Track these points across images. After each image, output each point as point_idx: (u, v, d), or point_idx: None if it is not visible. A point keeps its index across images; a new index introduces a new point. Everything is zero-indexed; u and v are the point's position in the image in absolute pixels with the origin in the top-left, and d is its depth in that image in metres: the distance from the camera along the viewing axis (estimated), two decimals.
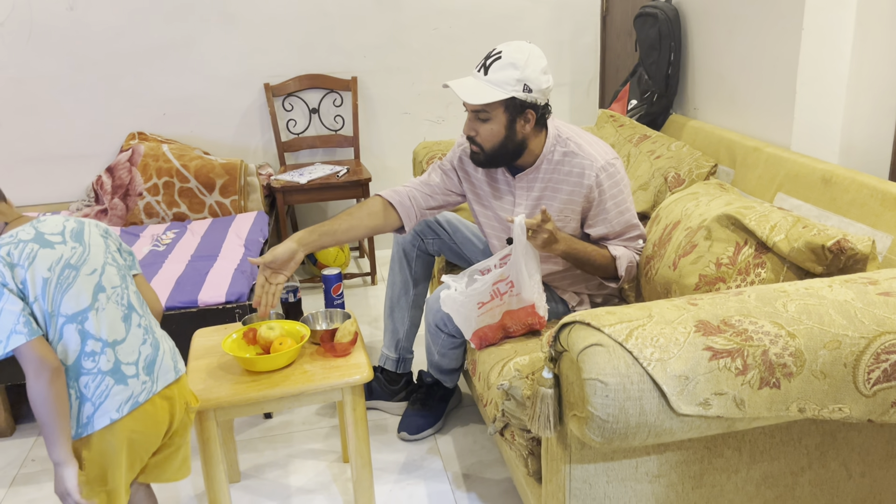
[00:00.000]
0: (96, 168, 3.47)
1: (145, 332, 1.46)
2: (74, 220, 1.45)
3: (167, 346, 1.52)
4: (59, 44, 3.31)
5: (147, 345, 1.46)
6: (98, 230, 1.47)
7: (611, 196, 1.96)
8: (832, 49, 2.08)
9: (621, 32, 3.46)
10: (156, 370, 1.46)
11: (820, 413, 1.26)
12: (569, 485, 1.38)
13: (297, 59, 3.55)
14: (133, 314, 1.45)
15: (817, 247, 1.50)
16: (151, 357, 1.46)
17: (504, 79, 1.85)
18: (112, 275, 1.44)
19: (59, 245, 1.38)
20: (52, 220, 1.42)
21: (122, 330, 1.42)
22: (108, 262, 1.44)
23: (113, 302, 1.42)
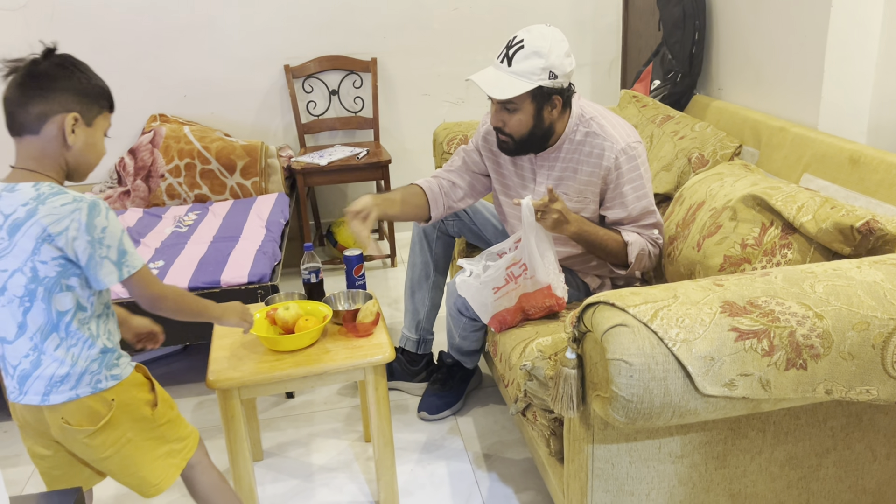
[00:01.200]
0: (118, 150, 3.49)
1: (32, 349, 1.34)
2: (30, 209, 1.28)
3: (51, 373, 1.35)
4: (81, 26, 3.32)
5: (26, 361, 1.35)
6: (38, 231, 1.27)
7: (629, 179, 1.93)
8: (861, 26, 2.04)
9: (644, 11, 3.41)
10: (25, 385, 1.36)
11: (847, 395, 1.25)
12: (591, 465, 1.38)
13: (316, 40, 3.55)
14: (25, 329, 1.33)
15: (846, 227, 1.48)
16: (27, 372, 1.35)
17: (529, 69, 1.82)
18: (18, 284, 1.31)
19: None
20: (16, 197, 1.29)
21: (11, 333, 1.34)
22: (21, 270, 1.30)
23: (10, 307, 1.33)
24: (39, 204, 1.28)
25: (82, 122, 1.34)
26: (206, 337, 2.35)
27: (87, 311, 1.37)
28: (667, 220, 2.05)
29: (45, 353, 1.34)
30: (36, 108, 1.30)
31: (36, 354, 1.34)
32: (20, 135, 1.32)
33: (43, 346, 1.34)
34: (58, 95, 1.31)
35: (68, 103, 1.32)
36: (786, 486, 1.46)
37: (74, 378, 1.36)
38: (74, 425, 1.38)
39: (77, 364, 1.35)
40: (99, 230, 1.30)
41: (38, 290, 1.31)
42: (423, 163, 3.82)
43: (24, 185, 1.30)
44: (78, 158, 1.37)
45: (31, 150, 1.33)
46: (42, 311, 1.32)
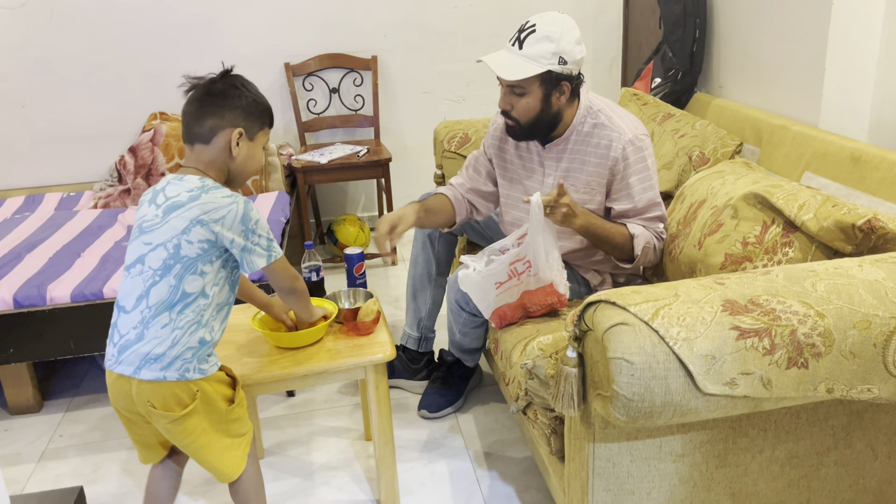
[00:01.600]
0: (119, 148, 3.49)
1: (141, 321, 1.45)
2: (192, 195, 1.44)
3: (147, 350, 1.44)
4: (81, 24, 3.32)
5: (132, 332, 1.45)
6: (195, 214, 1.42)
7: (635, 171, 1.94)
8: (862, 24, 2.04)
9: (645, 9, 3.41)
10: (124, 354, 1.46)
11: (848, 393, 1.25)
12: (592, 463, 1.38)
13: (317, 38, 3.54)
14: (144, 300, 1.45)
15: (847, 226, 1.48)
16: (129, 343, 1.45)
17: (540, 52, 1.84)
18: (157, 257, 1.44)
19: (153, 206, 1.47)
20: (182, 185, 1.46)
21: (130, 303, 1.47)
22: (164, 245, 1.44)
23: (141, 278, 1.45)
24: (203, 192, 1.45)
25: (245, 136, 1.52)
26: None
27: (207, 299, 1.48)
28: (668, 220, 2.05)
29: (149, 328, 1.44)
30: (209, 122, 1.48)
31: (141, 328, 1.44)
32: (192, 143, 1.50)
33: (151, 321, 1.44)
34: (228, 112, 1.49)
35: (236, 119, 1.50)
36: (787, 485, 1.46)
37: (167, 360, 1.44)
38: (159, 409, 1.46)
39: (174, 347, 1.45)
40: (253, 221, 1.47)
41: (174, 266, 1.44)
42: (423, 161, 3.81)
43: (192, 177, 1.48)
44: (239, 168, 1.54)
45: (201, 157, 1.50)
46: (168, 287, 1.44)
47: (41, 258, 2.56)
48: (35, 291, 2.29)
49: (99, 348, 2.34)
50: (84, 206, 3.21)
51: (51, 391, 2.59)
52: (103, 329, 2.30)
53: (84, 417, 2.43)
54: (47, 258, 2.56)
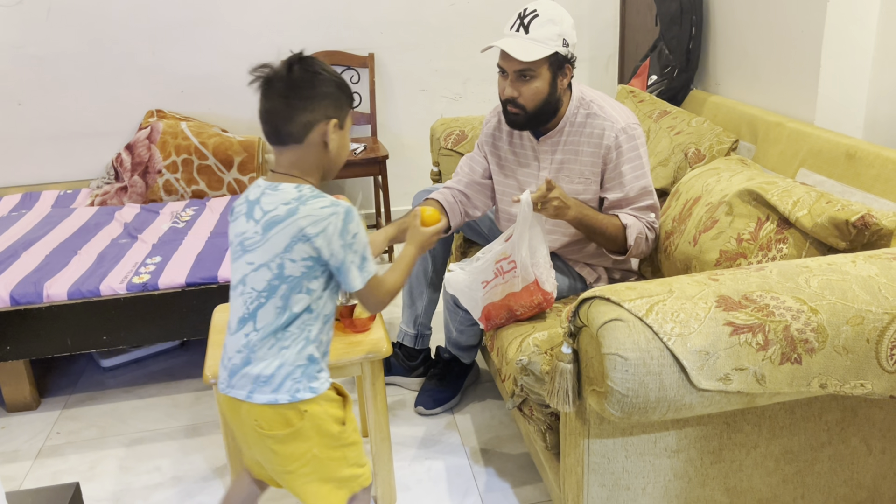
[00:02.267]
0: (116, 145, 3.49)
1: (246, 345, 1.36)
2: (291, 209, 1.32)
3: (256, 372, 1.36)
4: (78, 21, 3.32)
5: (240, 356, 1.37)
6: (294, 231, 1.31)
7: (628, 159, 1.95)
8: (858, 22, 2.04)
9: (641, 6, 3.41)
10: (235, 379, 1.38)
11: (842, 389, 1.26)
12: (587, 459, 1.38)
13: (313, 35, 3.54)
14: (249, 323, 1.36)
15: (841, 222, 1.49)
16: (237, 367, 1.38)
17: (547, 34, 1.86)
18: (262, 278, 1.34)
19: (251, 222, 1.36)
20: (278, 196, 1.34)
21: (234, 325, 1.39)
22: (267, 265, 1.33)
23: (244, 300, 1.37)
24: (301, 204, 1.32)
25: (338, 125, 1.38)
26: (203, 332, 2.35)
27: (312, 314, 1.37)
28: (663, 215, 2.05)
29: (255, 352, 1.36)
30: (302, 119, 1.34)
31: (247, 352, 1.36)
32: (284, 144, 1.36)
33: (258, 344, 1.35)
34: (318, 104, 1.35)
35: (328, 110, 1.36)
36: (781, 481, 1.46)
37: (277, 381, 1.36)
38: (266, 429, 1.38)
39: (283, 367, 1.35)
40: (351, 235, 1.34)
41: (280, 287, 1.33)
42: (420, 158, 3.81)
43: (287, 186, 1.35)
44: (334, 160, 1.41)
45: (294, 158, 1.37)
46: (275, 309, 1.34)
47: (38, 256, 2.56)
48: (32, 289, 2.29)
49: (96, 346, 2.34)
50: (81, 204, 3.21)
51: (48, 389, 2.59)
52: (100, 326, 2.31)
53: (81, 415, 2.43)
54: (44, 256, 2.56)
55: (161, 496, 2.03)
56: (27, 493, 1.41)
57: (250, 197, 1.38)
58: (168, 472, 2.13)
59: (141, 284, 2.32)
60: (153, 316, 2.34)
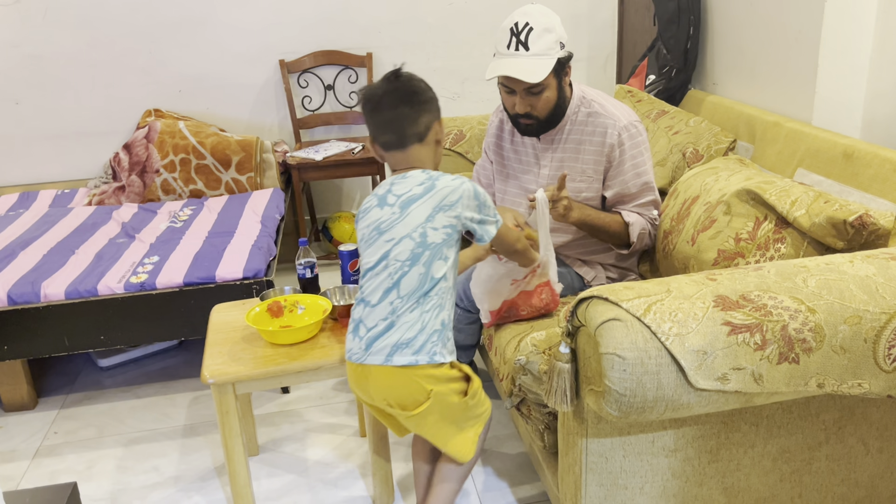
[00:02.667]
0: (113, 145, 3.49)
1: (391, 312, 1.49)
2: (427, 186, 1.50)
3: (397, 337, 1.49)
4: (75, 21, 3.31)
5: (384, 323, 1.50)
6: (437, 201, 1.49)
7: (630, 157, 1.97)
8: (855, 22, 2.04)
9: (639, 6, 3.41)
10: (373, 346, 1.51)
11: (839, 388, 1.26)
12: (585, 459, 1.38)
13: (311, 35, 3.54)
14: (394, 291, 1.49)
15: (839, 222, 1.49)
16: (378, 334, 1.50)
17: (547, 46, 1.86)
18: (404, 248, 1.49)
19: (386, 208, 1.52)
20: (409, 182, 1.52)
21: (376, 297, 1.51)
22: (409, 236, 1.49)
23: (387, 272, 1.50)
24: (434, 181, 1.51)
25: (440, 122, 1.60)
26: (201, 332, 2.35)
27: (448, 282, 1.53)
28: (661, 215, 2.05)
29: (400, 316, 1.49)
30: (424, 120, 1.54)
31: (392, 318, 1.50)
32: (407, 145, 1.54)
33: (401, 309, 1.49)
34: (431, 107, 1.57)
35: (435, 112, 1.58)
36: (779, 480, 1.46)
37: (418, 345, 1.50)
38: (396, 407, 1.54)
39: (424, 331, 1.50)
40: (482, 195, 1.54)
41: (423, 254, 1.49)
42: None
43: (415, 172, 1.54)
44: (440, 154, 1.63)
45: (415, 156, 1.56)
46: (418, 275, 1.49)
47: (35, 255, 2.55)
48: (29, 288, 2.29)
49: (93, 345, 2.34)
50: (78, 203, 3.20)
51: (45, 388, 2.59)
52: (98, 326, 2.31)
53: (79, 414, 2.42)
54: (41, 255, 2.56)
55: (159, 496, 2.03)
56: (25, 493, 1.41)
57: (379, 191, 1.55)
58: (166, 472, 2.12)
59: (138, 284, 2.32)
60: (151, 316, 2.34)
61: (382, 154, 1.58)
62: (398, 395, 1.53)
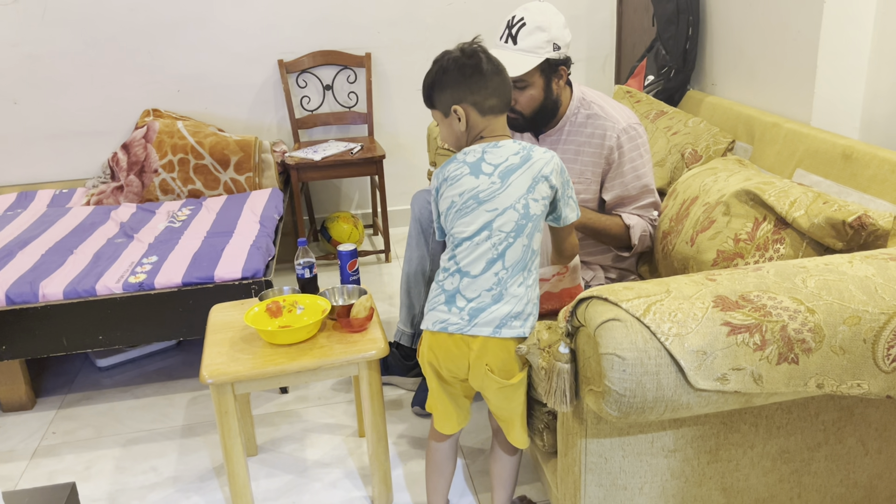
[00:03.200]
0: (112, 145, 3.48)
1: (497, 283, 1.49)
2: (523, 156, 1.51)
3: (507, 310, 1.50)
4: (74, 20, 3.31)
5: (489, 294, 1.50)
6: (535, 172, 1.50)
7: (630, 159, 1.97)
8: (854, 23, 2.05)
9: (638, 7, 3.41)
10: (479, 318, 1.50)
11: (838, 389, 1.26)
12: (584, 459, 1.39)
13: (310, 35, 3.54)
14: (499, 262, 1.49)
15: (838, 222, 1.49)
16: (484, 306, 1.50)
17: (535, 43, 1.86)
18: (508, 220, 1.49)
19: (483, 177, 1.51)
20: (503, 151, 1.52)
21: (479, 268, 1.50)
22: (513, 207, 1.49)
23: (491, 242, 1.49)
24: (530, 151, 1.52)
25: None
26: (200, 332, 2.35)
27: (538, 255, 1.54)
28: (660, 215, 2.06)
29: (507, 289, 1.50)
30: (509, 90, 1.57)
31: (499, 289, 1.50)
32: (505, 111, 1.57)
33: (509, 281, 1.49)
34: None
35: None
36: (778, 480, 1.47)
37: (524, 316, 1.51)
38: (496, 374, 1.52)
39: (529, 303, 1.51)
40: (567, 173, 1.56)
41: (526, 226, 1.49)
42: (417, 158, 3.81)
43: (506, 141, 1.55)
44: None
45: (504, 124, 1.58)
46: (522, 247, 1.50)
47: (33, 255, 2.55)
48: (27, 288, 2.29)
49: (92, 345, 2.34)
50: (77, 203, 3.20)
51: (43, 388, 2.58)
52: (96, 326, 2.31)
53: (77, 415, 2.42)
54: (39, 255, 2.55)
55: (157, 496, 2.03)
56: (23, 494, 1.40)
57: (468, 160, 1.53)
58: (164, 473, 2.12)
59: (137, 284, 2.31)
60: (149, 316, 2.33)
61: (476, 120, 1.55)
62: (501, 363, 1.52)
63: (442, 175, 1.56)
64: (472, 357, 1.53)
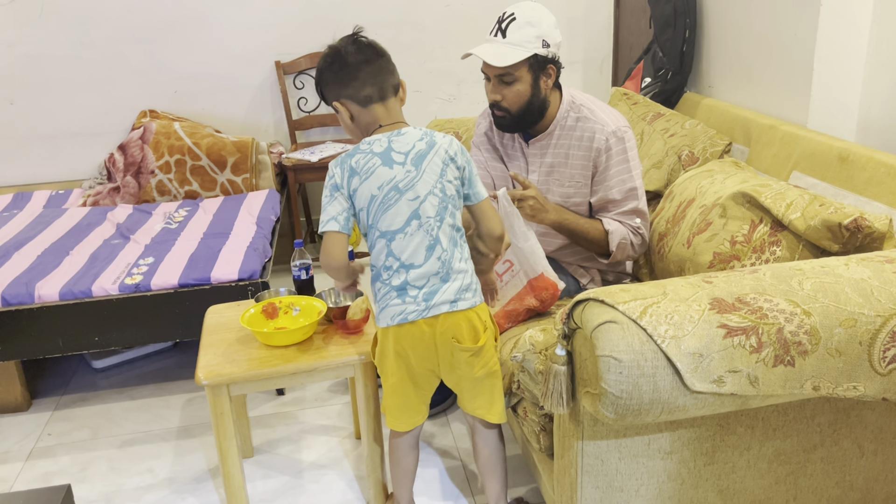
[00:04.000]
0: (108, 146, 3.48)
1: (442, 265, 1.55)
2: (428, 141, 1.55)
3: (457, 285, 1.56)
4: (70, 21, 3.30)
5: (437, 277, 1.55)
6: (443, 155, 1.54)
7: (616, 162, 1.96)
8: (850, 25, 2.05)
9: (635, 9, 3.42)
10: (434, 299, 1.55)
11: (834, 391, 1.26)
12: (581, 461, 1.38)
13: (308, 36, 3.53)
14: (437, 247, 1.54)
15: (834, 225, 1.49)
16: (436, 289, 1.55)
17: (525, 37, 1.86)
18: (431, 205, 1.53)
19: (396, 166, 1.53)
20: (407, 138, 1.55)
21: (420, 257, 1.54)
22: (433, 192, 1.53)
23: (423, 230, 1.53)
24: (432, 136, 1.56)
25: None
26: (196, 334, 2.34)
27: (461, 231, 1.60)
28: (657, 217, 2.06)
29: (452, 266, 1.56)
30: (394, 77, 1.60)
31: (445, 270, 1.55)
32: (387, 98, 1.58)
33: (451, 259, 1.56)
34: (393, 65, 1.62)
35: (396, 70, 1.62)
36: (774, 482, 1.47)
37: (473, 287, 1.59)
38: (465, 342, 1.58)
39: (470, 273, 1.60)
40: (468, 153, 1.61)
41: (447, 207, 1.55)
42: None
43: (408, 128, 1.57)
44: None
45: (394, 110, 1.59)
46: (449, 227, 1.56)
47: (29, 256, 2.54)
48: (23, 289, 2.28)
49: (88, 347, 2.33)
50: (73, 204, 3.19)
51: (39, 390, 2.58)
52: (92, 327, 2.30)
53: (72, 416, 2.42)
54: (35, 256, 2.55)
55: (153, 498, 2.02)
56: (18, 495, 1.40)
57: (376, 150, 1.54)
58: (160, 474, 2.12)
59: (133, 285, 2.31)
60: (145, 317, 2.33)
61: (358, 112, 1.57)
62: (465, 332, 1.58)
63: (346, 167, 1.54)
64: (438, 337, 1.58)
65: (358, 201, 1.55)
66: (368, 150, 1.54)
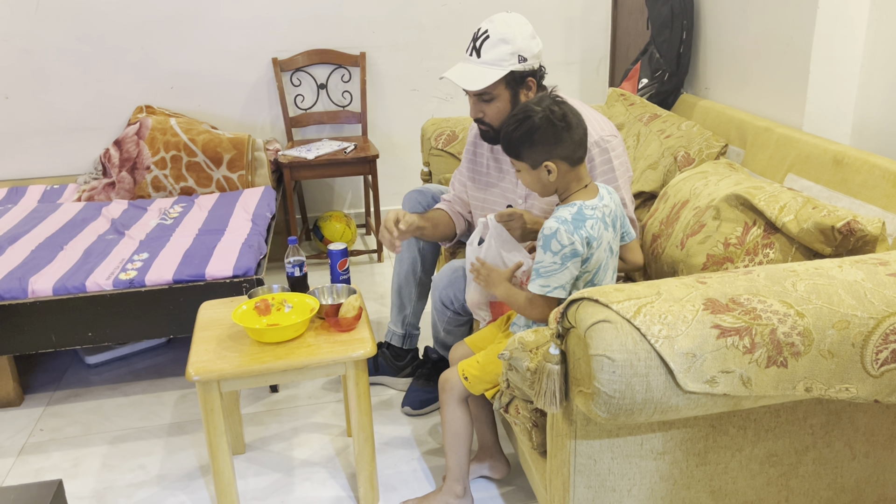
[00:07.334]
0: (104, 141, 3.47)
1: None
2: (607, 200, 1.64)
3: None
4: (67, 15, 3.29)
5: None
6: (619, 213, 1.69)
7: (601, 172, 1.94)
8: (847, 29, 2.05)
9: (633, 10, 3.42)
10: None
11: (826, 393, 1.26)
12: (573, 460, 1.38)
13: (305, 33, 3.53)
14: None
15: (827, 228, 1.49)
16: None
17: (498, 56, 1.85)
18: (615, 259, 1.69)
19: (610, 229, 1.64)
20: (604, 198, 1.64)
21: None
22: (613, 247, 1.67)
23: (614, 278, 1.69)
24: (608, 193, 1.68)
25: None
26: (190, 330, 2.34)
27: None
28: (651, 218, 2.06)
29: None
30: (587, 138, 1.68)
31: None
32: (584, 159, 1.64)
33: None
34: None
35: None
36: (766, 483, 1.47)
37: None
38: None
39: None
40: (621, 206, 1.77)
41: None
42: (410, 158, 3.81)
43: (600, 188, 1.67)
44: None
45: (585, 169, 1.66)
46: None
47: (23, 251, 2.54)
48: (16, 284, 2.27)
49: (81, 342, 2.32)
50: (68, 199, 3.18)
51: (31, 385, 2.57)
52: (85, 323, 2.29)
53: (65, 412, 2.41)
54: (29, 251, 2.54)
55: (145, 494, 2.02)
56: (9, 490, 1.39)
57: (596, 215, 1.60)
58: (152, 470, 2.11)
59: (127, 281, 2.30)
60: (139, 313, 2.32)
61: (566, 171, 1.61)
62: None
63: (583, 236, 1.57)
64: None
65: (591, 267, 1.62)
66: (594, 216, 1.60)
